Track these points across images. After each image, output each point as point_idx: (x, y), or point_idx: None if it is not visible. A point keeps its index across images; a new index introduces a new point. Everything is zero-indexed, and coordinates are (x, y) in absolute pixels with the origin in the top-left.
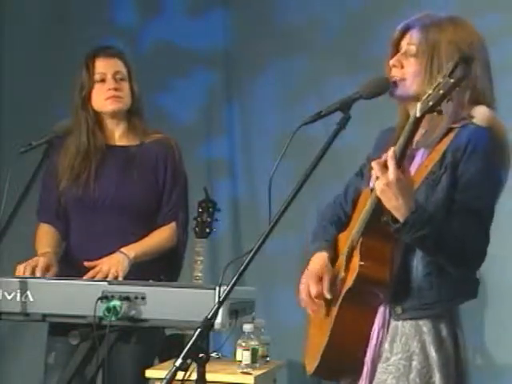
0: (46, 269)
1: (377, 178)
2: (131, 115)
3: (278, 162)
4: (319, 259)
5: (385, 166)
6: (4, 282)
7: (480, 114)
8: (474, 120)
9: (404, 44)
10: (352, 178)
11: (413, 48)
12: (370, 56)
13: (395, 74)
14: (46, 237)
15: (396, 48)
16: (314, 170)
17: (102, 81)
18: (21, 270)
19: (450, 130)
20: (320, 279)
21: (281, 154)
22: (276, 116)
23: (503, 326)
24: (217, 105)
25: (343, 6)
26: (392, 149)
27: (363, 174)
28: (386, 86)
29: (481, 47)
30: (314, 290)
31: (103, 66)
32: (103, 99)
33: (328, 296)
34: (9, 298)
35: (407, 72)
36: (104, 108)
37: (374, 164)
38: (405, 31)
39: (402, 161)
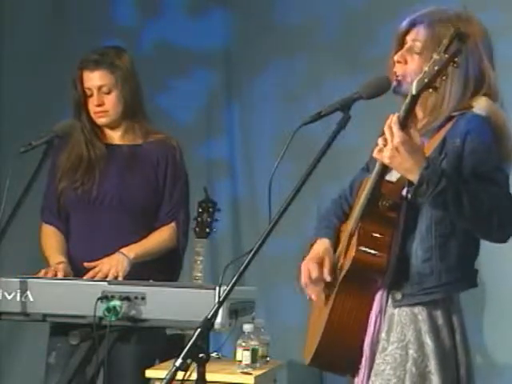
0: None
1: (384, 145)
2: (127, 119)
3: (278, 162)
4: (321, 244)
5: (389, 133)
6: (4, 282)
7: (479, 103)
8: (474, 109)
9: (409, 39)
10: (358, 172)
11: (418, 45)
12: (370, 56)
13: (398, 70)
14: (53, 240)
15: (400, 43)
16: (314, 170)
17: (91, 95)
18: (42, 274)
19: (449, 118)
20: (321, 263)
21: (281, 154)
22: (276, 116)
23: (503, 325)
24: (217, 105)
25: (343, 6)
26: (396, 114)
27: (369, 169)
28: (386, 86)
29: (487, 42)
30: (314, 273)
31: (88, 81)
32: (92, 113)
33: (328, 279)
34: (9, 298)
35: (410, 69)
36: (95, 120)
37: (379, 140)
38: (411, 26)
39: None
